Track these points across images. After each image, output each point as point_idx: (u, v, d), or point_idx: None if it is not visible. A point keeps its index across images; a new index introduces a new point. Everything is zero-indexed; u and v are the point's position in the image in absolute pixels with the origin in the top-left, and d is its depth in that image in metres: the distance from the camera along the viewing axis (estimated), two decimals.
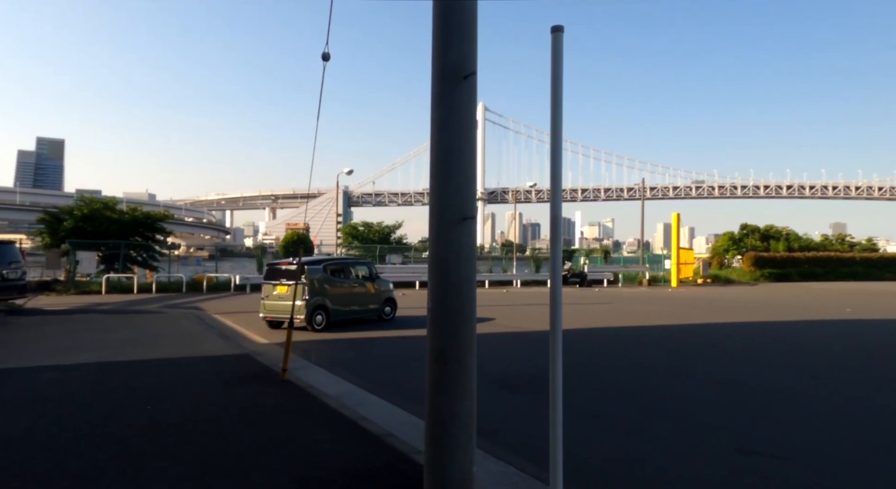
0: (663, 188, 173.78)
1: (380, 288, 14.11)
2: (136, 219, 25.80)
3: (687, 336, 12.46)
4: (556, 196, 2.67)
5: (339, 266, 13.65)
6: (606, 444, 5.03)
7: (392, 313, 14.26)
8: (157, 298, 20.70)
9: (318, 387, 6.69)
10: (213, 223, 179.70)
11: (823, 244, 45.52)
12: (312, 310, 12.14)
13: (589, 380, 7.59)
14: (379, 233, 32.58)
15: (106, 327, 12.08)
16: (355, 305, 13.35)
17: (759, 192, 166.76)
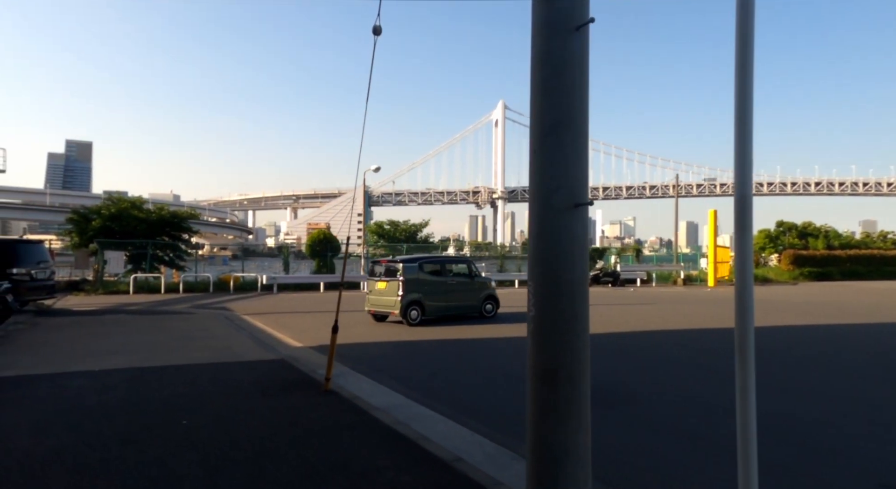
0: (686, 185, 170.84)
1: (480, 285, 14.30)
2: (163, 218, 25.66)
3: (756, 342, 11.63)
4: (744, 168, 2.02)
5: (436, 263, 14.17)
6: (720, 471, 4.35)
7: (494, 310, 14.25)
8: (184, 298, 20.43)
9: (364, 398, 6.11)
10: (235, 223, 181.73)
11: (865, 242, 43.81)
12: (407, 306, 12.71)
13: (665, 391, 6.89)
14: (405, 231, 32.07)
15: (135, 329, 11.71)
16: (453, 302, 13.69)
17: (786, 189, 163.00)
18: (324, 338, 11.01)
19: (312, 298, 21.07)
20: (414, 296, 12.82)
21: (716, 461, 4.55)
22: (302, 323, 13.58)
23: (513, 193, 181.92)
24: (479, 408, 6.02)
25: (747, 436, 2.07)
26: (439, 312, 13.40)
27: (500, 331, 12.21)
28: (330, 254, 27.50)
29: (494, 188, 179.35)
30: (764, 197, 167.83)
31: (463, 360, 8.91)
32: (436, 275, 13.59)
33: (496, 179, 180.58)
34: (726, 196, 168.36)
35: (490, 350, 10.06)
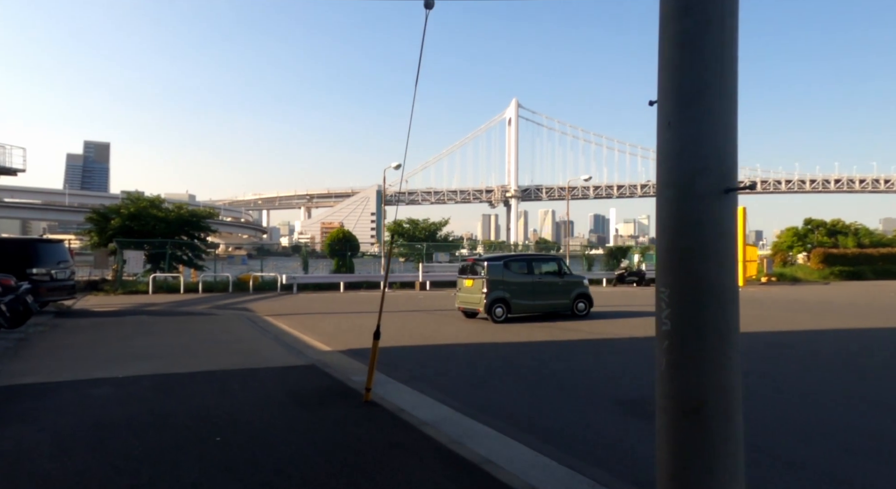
0: None
1: (571, 283, 14.18)
2: (182, 217, 25.41)
3: (813, 346, 10.93)
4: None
5: (523, 262, 14.26)
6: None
7: (587, 309, 14.16)
8: (204, 298, 20.11)
9: (410, 411, 5.59)
10: (250, 222, 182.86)
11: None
12: (492, 303, 13.00)
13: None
14: (425, 230, 31.55)
15: (157, 331, 11.32)
16: (541, 300, 13.75)
17: (804, 186, 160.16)
18: (353, 342, 10.58)
19: (333, 299, 20.66)
20: (499, 294, 13.07)
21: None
22: (326, 325, 13.14)
23: (526, 192, 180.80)
24: (541, 424, 5.48)
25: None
26: (527, 311, 13.60)
27: (585, 331, 11.86)
28: (349, 254, 27.09)
29: (508, 187, 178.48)
30: (782, 195, 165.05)
31: (526, 365, 8.38)
32: (522, 273, 13.73)
33: (509, 178, 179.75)
34: (755, 193, 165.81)
35: (566, 352, 9.49)
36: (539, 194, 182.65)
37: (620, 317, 14.76)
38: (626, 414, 5.70)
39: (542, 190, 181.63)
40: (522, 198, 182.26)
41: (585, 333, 11.60)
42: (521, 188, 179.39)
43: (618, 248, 32.95)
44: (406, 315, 15.13)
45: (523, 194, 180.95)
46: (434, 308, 16.97)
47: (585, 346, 10.30)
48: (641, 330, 12.03)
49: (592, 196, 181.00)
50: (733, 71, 2.18)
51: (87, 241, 29.32)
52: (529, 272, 13.84)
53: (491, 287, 13.06)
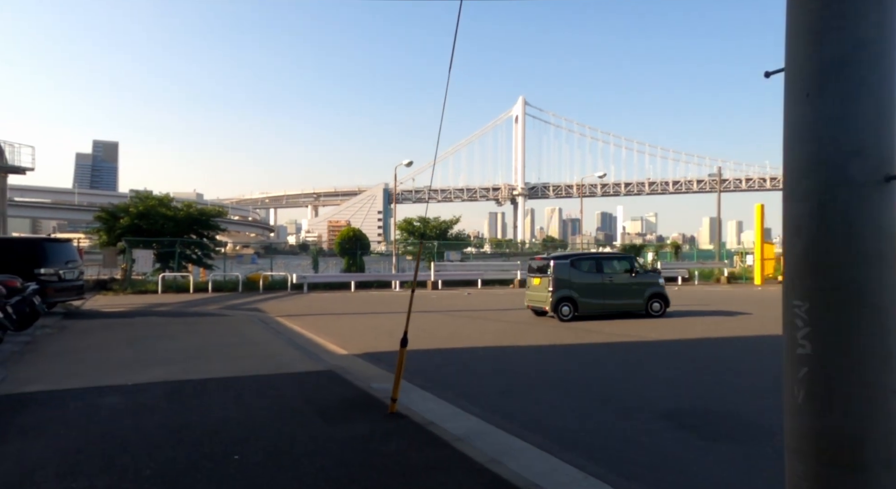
0: (711, 181, 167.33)
1: (644, 283, 13.90)
2: (191, 216, 25.13)
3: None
4: None
5: (591, 260, 14.03)
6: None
7: (662, 309, 13.84)
8: (214, 298, 19.81)
9: (440, 424, 5.19)
10: (257, 221, 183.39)
11: None
12: (557, 302, 13.02)
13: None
14: (436, 228, 31.16)
15: (168, 333, 10.98)
16: (612, 299, 13.53)
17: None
18: (369, 344, 10.19)
19: (345, 298, 20.30)
20: (565, 292, 13.08)
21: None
22: (340, 326, 12.77)
23: (533, 190, 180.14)
24: (584, 439, 5.06)
25: None
26: (596, 310, 13.40)
27: (652, 331, 11.55)
28: (359, 253, 26.74)
29: (514, 185, 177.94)
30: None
31: (560, 370, 7.96)
32: (591, 272, 13.58)
33: (516, 176, 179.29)
34: (752, 190, 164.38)
35: (607, 356, 9.07)
36: (546, 192, 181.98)
37: (687, 316, 14.31)
38: (679, 428, 5.26)
39: (550, 187, 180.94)
40: (529, 196, 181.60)
41: (632, 336, 11.16)
42: (528, 186, 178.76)
43: (632, 247, 32.45)
44: (421, 316, 14.73)
45: (530, 192, 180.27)
46: (450, 308, 16.57)
47: (631, 350, 9.85)
48: (708, 330, 11.59)
49: (600, 194, 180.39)
50: (892, 43, 1.75)
51: (96, 241, 29.14)
52: (599, 271, 13.64)
53: (557, 286, 13.05)
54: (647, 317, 13.59)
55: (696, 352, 9.61)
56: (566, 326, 12.36)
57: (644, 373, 7.82)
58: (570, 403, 6.23)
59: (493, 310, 16.01)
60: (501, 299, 19.86)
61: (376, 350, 9.58)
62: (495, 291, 23.59)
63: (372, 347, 9.88)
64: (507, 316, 14.61)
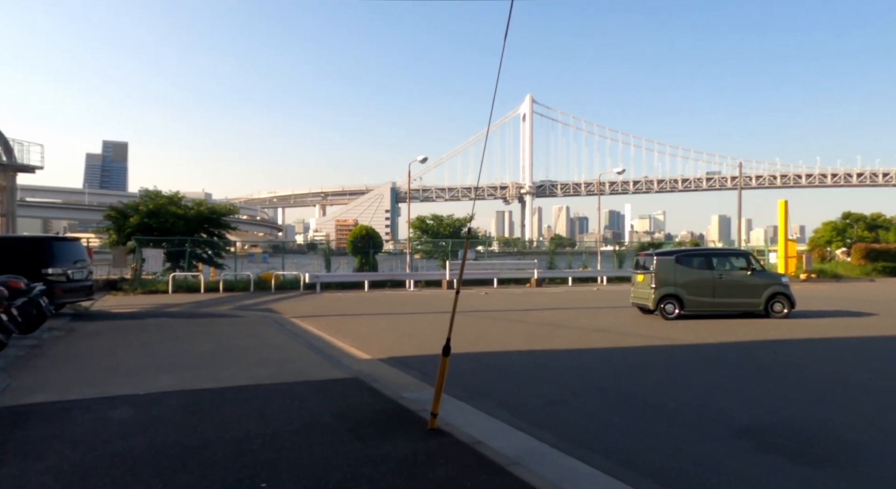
0: (721, 178, 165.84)
1: (764, 281, 13.12)
2: (201, 214, 24.69)
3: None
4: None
5: (700, 256, 13.52)
6: None
7: (784, 310, 12.95)
8: (225, 298, 19.35)
9: (488, 443, 4.61)
10: (266, 220, 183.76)
11: None
12: (660, 299, 12.76)
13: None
14: (449, 226, 30.56)
15: (181, 336, 10.48)
16: (724, 297, 12.92)
17: (826, 180, 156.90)
18: (392, 348, 9.64)
19: (360, 298, 19.78)
20: (669, 289, 12.75)
21: None
22: (359, 328, 12.22)
23: (540, 188, 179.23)
24: (656, 461, 4.47)
25: None
26: (705, 308, 12.87)
27: (754, 333, 10.84)
28: (372, 251, 26.21)
29: (522, 183, 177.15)
30: (803, 189, 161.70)
31: (601, 377, 7.37)
32: (700, 268, 13.08)
33: (524, 174, 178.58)
34: (762, 188, 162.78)
35: (653, 362, 8.48)
36: (554, 190, 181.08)
37: (808, 318, 13.44)
38: (757, 450, 4.66)
39: (557, 186, 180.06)
40: (537, 194, 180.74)
41: (726, 337, 10.54)
42: (536, 184, 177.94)
43: (649, 244, 31.71)
44: (441, 317, 14.17)
45: (538, 190, 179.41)
46: (469, 309, 15.99)
47: (692, 354, 9.25)
48: (838, 331, 10.95)
49: (608, 192, 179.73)
50: None
51: (105, 240, 28.79)
52: (708, 267, 13.05)
53: (660, 282, 12.76)
54: (767, 318, 12.82)
55: (796, 357, 8.98)
56: (625, 327, 11.75)
57: (704, 382, 7.22)
58: (627, 417, 5.63)
59: (515, 311, 15.42)
60: (521, 299, 19.27)
61: (400, 354, 9.04)
62: (512, 291, 23.00)
63: (395, 351, 9.33)
64: (530, 317, 14.02)
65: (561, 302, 18.12)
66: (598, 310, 15.37)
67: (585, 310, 15.66)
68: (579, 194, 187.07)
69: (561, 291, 22.60)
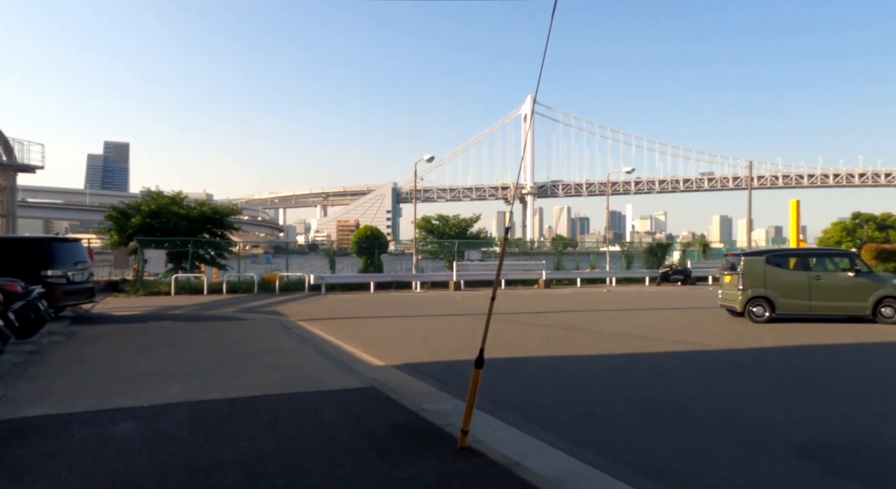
0: (722, 178, 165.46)
1: (870, 284, 12.36)
2: (204, 214, 24.30)
3: None
4: None
5: (795, 257, 13.12)
6: None
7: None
8: (229, 300, 18.97)
9: (525, 464, 4.21)
10: (267, 221, 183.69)
11: None
12: (747, 301, 12.38)
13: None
14: (456, 227, 30.10)
15: (185, 340, 10.09)
16: (821, 301, 12.29)
17: (827, 180, 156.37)
18: (405, 353, 9.23)
19: (366, 300, 19.38)
20: (758, 291, 12.37)
21: None
22: (368, 331, 11.82)
23: (542, 188, 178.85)
24: (712, 483, 4.07)
25: None
26: (800, 312, 12.36)
27: (841, 337, 10.41)
28: (377, 252, 25.79)
29: (523, 183, 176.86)
30: (804, 190, 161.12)
31: (633, 386, 6.96)
32: (793, 269, 12.65)
33: (525, 174, 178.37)
34: (764, 188, 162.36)
35: (699, 372, 8.08)
36: (555, 190, 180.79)
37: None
38: (829, 475, 4.25)
39: (559, 186, 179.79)
40: (539, 194, 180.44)
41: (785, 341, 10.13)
42: (538, 185, 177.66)
43: (658, 245, 31.21)
44: (454, 319, 13.79)
45: (539, 191, 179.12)
46: (479, 311, 15.60)
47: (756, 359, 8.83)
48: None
49: (610, 192, 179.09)
50: None
51: (107, 240, 28.42)
52: (804, 268, 12.56)
53: (748, 284, 12.39)
54: (874, 324, 12.11)
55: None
56: (647, 331, 11.33)
57: (755, 394, 6.81)
58: (669, 432, 5.22)
59: (528, 313, 15.02)
60: (532, 301, 18.87)
61: (415, 360, 8.64)
62: (521, 292, 22.60)
63: (409, 357, 8.94)
64: (544, 319, 13.63)
65: (573, 304, 17.70)
66: (613, 313, 14.96)
67: (600, 312, 15.25)
68: (581, 195, 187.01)
69: (570, 293, 22.22)
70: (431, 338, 10.85)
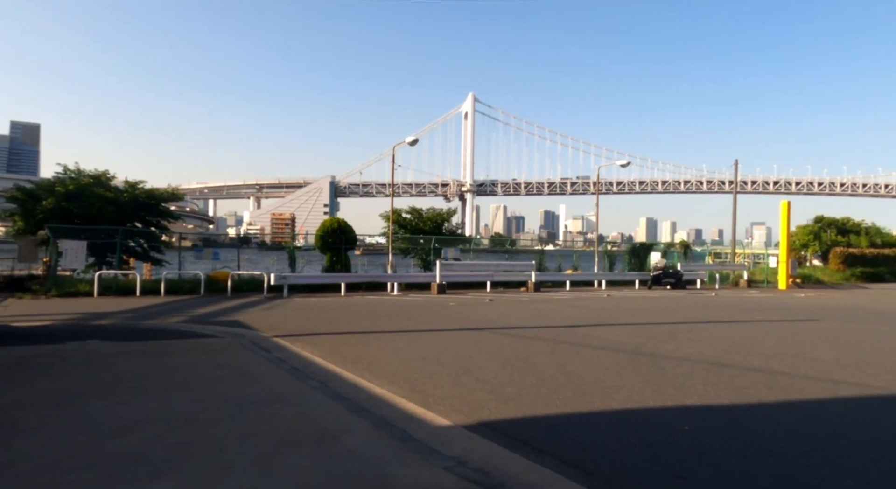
0: (652, 182, 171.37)
1: None
2: (137, 199, 20.19)
3: None
4: None
5: None
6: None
7: None
8: (170, 305, 15.33)
9: None
10: (196, 212, 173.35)
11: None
12: None
13: None
14: (431, 221, 27.09)
15: (129, 378, 6.76)
16: None
17: (745, 187, 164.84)
18: (465, 401, 6.16)
19: (343, 306, 16.18)
20: None
21: None
22: (379, 356, 8.83)
23: (481, 186, 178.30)
24: None
25: None
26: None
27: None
28: (345, 248, 22.49)
29: (463, 181, 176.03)
30: (727, 195, 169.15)
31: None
32: None
33: (465, 172, 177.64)
34: (689, 193, 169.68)
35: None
36: (494, 189, 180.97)
37: None
38: None
39: (498, 185, 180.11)
40: (478, 192, 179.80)
41: None
42: (477, 183, 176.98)
43: (641, 245, 29.57)
44: (476, 335, 10.98)
45: (479, 189, 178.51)
46: (496, 324, 12.86)
47: None
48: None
49: (547, 192, 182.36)
50: None
51: (9, 228, 23.58)
52: None
53: None
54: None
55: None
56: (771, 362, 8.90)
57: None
58: None
59: (559, 328, 12.40)
60: (541, 310, 16.29)
61: (491, 416, 5.77)
62: (518, 297, 19.92)
63: (472, 404, 6.09)
64: (585, 337, 11.07)
65: (590, 314, 15.26)
66: (658, 329, 12.62)
67: (640, 327, 12.88)
68: (519, 194, 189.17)
69: (569, 298, 19.78)
70: (475, 369, 8.01)
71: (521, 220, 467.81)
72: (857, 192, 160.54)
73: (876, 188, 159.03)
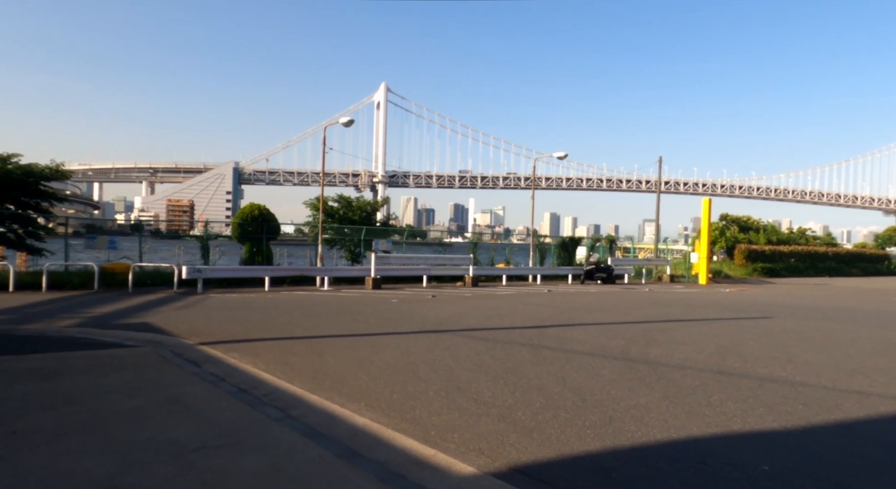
0: (557, 179, 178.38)
1: None
2: (10, 175, 16.79)
3: None
4: None
5: None
6: None
7: None
8: (56, 303, 12.74)
9: None
10: (78, 195, 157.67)
11: (793, 237, 44.63)
12: None
13: None
14: (360, 210, 25.19)
15: (9, 416, 4.82)
16: None
17: (641, 186, 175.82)
18: (473, 432, 4.80)
19: (272, 304, 14.20)
20: None
21: None
22: (342, 370, 7.31)
23: (393, 178, 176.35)
24: None
25: None
26: None
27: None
28: (266, 238, 20.22)
29: (375, 171, 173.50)
30: (624, 193, 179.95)
31: None
32: None
33: (376, 163, 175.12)
34: (592, 190, 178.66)
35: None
36: (406, 180, 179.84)
37: None
38: None
39: (410, 176, 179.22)
40: (390, 183, 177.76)
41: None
42: (389, 174, 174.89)
43: (570, 239, 29.46)
44: (443, 340, 9.66)
45: (390, 180, 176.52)
46: (455, 325, 11.65)
47: None
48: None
49: (458, 185, 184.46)
50: None
51: None
52: None
53: None
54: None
55: None
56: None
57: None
58: None
59: (524, 329, 11.37)
60: (493, 306, 15.25)
61: (520, 459, 4.52)
62: (461, 292, 18.75)
63: (491, 440, 4.84)
64: (558, 340, 10.12)
65: (546, 312, 14.42)
66: (628, 328, 11.94)
67: (607, 327, 12.16)
68: (431, 186, 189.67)
69: (512, 293, 18.91)
70: (465, 385, 6.72)
71: (431, 212, 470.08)
72: (752, 195, 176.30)
73: (767, 191, 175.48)
